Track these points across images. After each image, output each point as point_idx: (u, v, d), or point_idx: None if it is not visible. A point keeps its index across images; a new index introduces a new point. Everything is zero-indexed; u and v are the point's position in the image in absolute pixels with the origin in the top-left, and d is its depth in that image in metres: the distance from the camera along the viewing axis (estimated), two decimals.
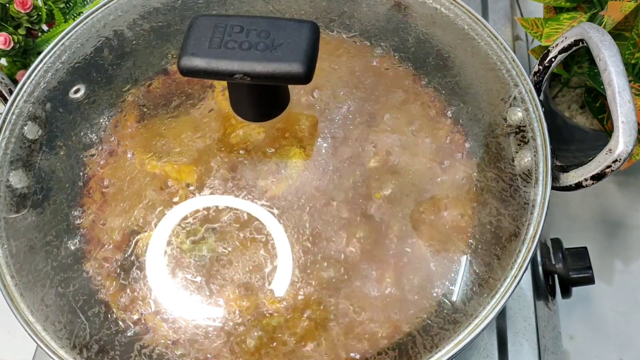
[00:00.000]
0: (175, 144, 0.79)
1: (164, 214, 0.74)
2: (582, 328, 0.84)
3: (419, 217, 0.72)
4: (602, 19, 0.71)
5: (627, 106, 0.54)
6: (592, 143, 0.88)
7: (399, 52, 0.83)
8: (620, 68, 0.55)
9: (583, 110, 0.88)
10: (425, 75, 0.81)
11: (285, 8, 0.85)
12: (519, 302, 0.74)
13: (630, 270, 0.89)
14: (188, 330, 0.64)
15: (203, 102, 0.82)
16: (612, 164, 0.55)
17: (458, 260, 0.70)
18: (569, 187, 0.60)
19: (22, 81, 0.74)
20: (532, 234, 0.59)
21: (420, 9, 0.75)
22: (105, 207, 0.76)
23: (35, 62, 0.75)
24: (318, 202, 0.70)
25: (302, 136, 0.77)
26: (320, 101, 0.76)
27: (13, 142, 0.72)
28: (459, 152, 0.77)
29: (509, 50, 0.71)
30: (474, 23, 0.71)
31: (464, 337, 0.56)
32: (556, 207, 0.93)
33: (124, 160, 0.79)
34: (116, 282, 0.71)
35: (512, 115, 0.66)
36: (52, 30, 0.90)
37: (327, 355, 0.62)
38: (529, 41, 1.02)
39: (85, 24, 0.79)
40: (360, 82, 0.77)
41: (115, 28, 0.78)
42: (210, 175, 0.77)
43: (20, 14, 0.87)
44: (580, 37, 0.59)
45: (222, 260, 0.69)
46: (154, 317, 0.67)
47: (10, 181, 0.68)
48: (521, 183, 0.64)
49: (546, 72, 0.65)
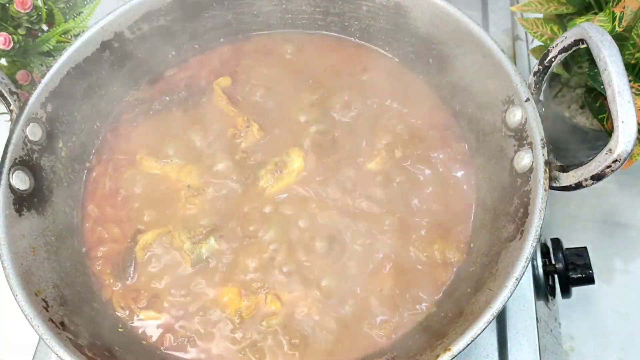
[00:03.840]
0: (175, 145, 0.80)
1: (164, 214, 0.75)
2: (582, 328, 0.84)
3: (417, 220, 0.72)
4: (614, 14, 0.70)
5: (627, 106, 0.54)
6: (592, 143, 0.88)
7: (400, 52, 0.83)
8: (620, 68, 0.55)
9: (583, 110, 0.88)
10: (425, 75, 0.81)
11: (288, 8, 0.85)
12: (519, 302, 0.74)
13: (630, 270, 0.89)
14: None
15: (203, 102, 0.82)
16: (612, 164, 0.55)
17: (458, 260, 0.70)
18: (568, 187, 0.59)
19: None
20: (532, 234, 0.59)
21: (421, 10, 0.75)
22: (106, 207, 0.76)
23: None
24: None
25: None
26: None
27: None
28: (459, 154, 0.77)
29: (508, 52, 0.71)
30: (474, 23, 0.71)
31: (465, 337, 0.55)
32: (556, 207, 0.93)
33: (125, 161, 0.79)
34: (115, 279, 0.71)
35: (511, 115, 0.66)
36: (52, 30, 0.90)
37: None
38: (529, 41, 1.02)
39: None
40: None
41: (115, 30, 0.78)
42: (210, 175, 0.77)
43: (20, 14, 0.87)
44: (580, 37, 0.59)
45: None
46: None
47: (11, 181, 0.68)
48: (521, 183, 0.64)
49: (546, 72, 0.65)
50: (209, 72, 0.84)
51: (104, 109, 0.81)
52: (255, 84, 0.82)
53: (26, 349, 0.76)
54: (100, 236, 0.73)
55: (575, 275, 0.76)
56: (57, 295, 0.64)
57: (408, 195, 0.72)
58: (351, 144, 0.76)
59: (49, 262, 0.66)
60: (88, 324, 0.64)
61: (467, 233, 0.71)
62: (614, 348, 0.85)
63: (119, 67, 0.80)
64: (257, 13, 0.84)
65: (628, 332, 0.86)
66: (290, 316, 0.67)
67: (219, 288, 0.69)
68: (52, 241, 0.69)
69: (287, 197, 0.73)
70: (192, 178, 0.75)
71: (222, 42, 0.86)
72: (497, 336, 0.73)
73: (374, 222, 0.71)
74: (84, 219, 0.75)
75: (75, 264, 0.70)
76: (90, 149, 0.79)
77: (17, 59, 0.90)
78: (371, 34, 0.83)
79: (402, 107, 0.79)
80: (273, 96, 0.81)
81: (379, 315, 0.66)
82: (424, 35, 0.77)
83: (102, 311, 0.68)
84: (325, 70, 0.82)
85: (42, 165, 0.71)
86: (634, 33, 0.72)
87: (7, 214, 0.64)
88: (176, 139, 0.79)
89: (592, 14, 0.78)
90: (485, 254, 0.66)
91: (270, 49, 0.86)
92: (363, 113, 0.78)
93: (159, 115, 0.81)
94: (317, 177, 0.74)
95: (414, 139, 0.76)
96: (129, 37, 0.79)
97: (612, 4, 0.73)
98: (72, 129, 0.76)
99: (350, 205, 0.72)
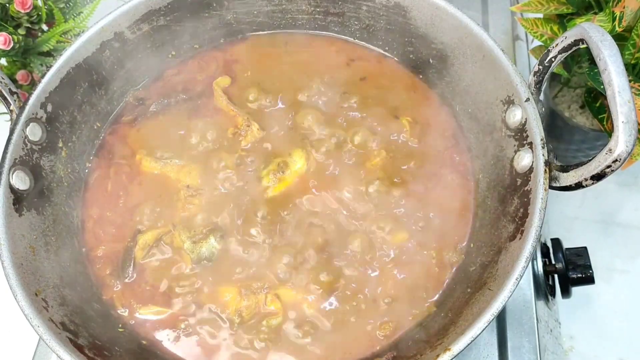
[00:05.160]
0: (175, 145, 0.79)
1: (164, 214, 0.75)
2: (582, 328, 0.84)
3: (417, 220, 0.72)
4: (614, 14, 0.70)
5: (627, 106, 0.54)
6: (592, 143, 0.88)
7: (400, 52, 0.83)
8: (620, 68, 0.55)
9: (583, 110, 0.88)
10: (425, 75, 0.81)
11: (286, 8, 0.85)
12: (519, 302, 0.74)
13: (630, 270, 0.89)
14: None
15: (203, 102, 0.82)
16: (612, 164, 0.54)
17: (458, 260, 0.70)
18: (569, 187, 0.59)
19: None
20: (532, 234, 0.59)
21: (421, 10, 0.75)
22: (106, 208, 0.76)
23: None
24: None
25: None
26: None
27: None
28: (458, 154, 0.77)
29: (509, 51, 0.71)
30: (474, 23, 0.71)
31: (465, 337, 0.55)
32: (556, 207, 0.93)
33: (124, 161, 0.79)
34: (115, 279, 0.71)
35: (511, 115, 0.66)
36: (52, 30, 0.90)
37: None
38: (529, 41, 1.02)
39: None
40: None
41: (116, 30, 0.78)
42: (210, 175, 0.77)
43: (20, 14, 0.87)
44: (580, 37, 0.59)
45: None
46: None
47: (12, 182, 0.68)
48: (521, 183, 0.64)
49: (546, 72, 0.64)
50: (208, 72, 0.84)
51: (104, 109, 0.81)
52: (256, 83, 0.82)
53: (26, 349, 0.76)
54: (100, 236, 0.73)
55: (575, 275, 0.76)
56: (57, 295, 0.64)
57: (408, 194, 0.72)
58: (351, 144, 0.76)
59: (49, 262, 0.66)
60: (88, 324, 0.64)
61: (467, 233, 0.71)
62: (614, 348, 0.85)
63: (119, 67, 0.80)
64: (257, 13, 0.84)
65: (628, 332, 0.86)
66: (291, 316, 0.67)
67: (219, 288, 0.69)
68: (52, 241, 0.69)
69: (288, 197, 0.73)
70: (192, 178, 0.75)
71: (222, 42, 0.86)
72: (497, 336, 0.73)
73: (374, 222, 0.71)
74: (84, 219, 0.75)
75: (75, 264, 0.70)
76: (90, 149, 0.79)
77: (17, 59, 0.90)
78: (371, 34, 0.83)
79: (401, 107, 0.79)
80: (273, 96, 0.81)
81: (379, 315, 0.66)
82: (424, 35, 0.77)
83: (102, 311, 0.68)
84: (325, 70, 0.82)
85: (42, 165, 0.71)
86: (634, 33, 0.72)
87: (7, 214, 0.64)
88: (176, 139, 0.79)
89: (592, 14, 0.78)
90: (485, 254, 0.66)
91: (270, 49, 0.86)
92: (363, 112, 0.78)
93: (159, 115, 0.81)
94: (318, 177, 0.74)
95: (413, 139, 0.76)
96: (129, 37, 0.79)
97: (612, 4, 0.73)
98: (72, 129, 0.76)
99: (351, 205, 0.72)
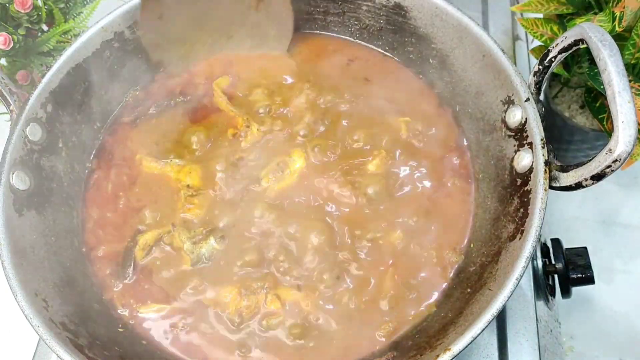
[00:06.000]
0: (175, 145, 0.79)
1: (164, 214, 0.75)
2: (582, 328, 0.84)
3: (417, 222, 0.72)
4: (614, 14, 0.70)
5: (627, 106, 0.54)
6: (592, 143, 0.88)
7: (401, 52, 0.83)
8: (620, 68, 0.55)
9: (583, 110, 0.88)
10: (425, 75, 0.81)
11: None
12: (519, 302, 0.74)
13: (630, 270, 0.89)
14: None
15: (203, 102, 0.82)
16: (612, 164, 0.54)
17: (457, 260, 0.70)
18: (569, 187, 0.59)
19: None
20: (532, 234, 0.59)
21: (421, 10, 0.75)
22: (106, 208, 0.76)
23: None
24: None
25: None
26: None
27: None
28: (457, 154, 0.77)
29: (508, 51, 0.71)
30: (474, 23, 0.71)
31: (465, 337, 0.55)
32: (556, 207, 0.93)
33: (124, 161, 0.79)
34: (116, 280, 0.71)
35: (511, 115, 0.66)
36: (52, 30, 0.90)
37: None
38: (529, 41, 1.02)
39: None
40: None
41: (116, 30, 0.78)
42: (210, 175, 0.77)
43: (20, 14, 0.87)
44: (580, 37, 0.59)
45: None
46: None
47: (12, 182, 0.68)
48: (521, 183, 0.64)
49: (546, 72, 0.64)
50: (208, 72, 0.84)
51: (104, 109, 0.81)
52: (255, 83, 0.82)
53: (26, 349, 0.76)
54: (100, 236, 0.73)
55: (575, 275, 0.76)
56: (57, 295, 0.64)
57: (408, 195, 0.73)
58: (351, 144, 0.76)
59: (49, 262, 0.66)
60: (88, 324, 0.64)
61: (467, 233, 0.71)
62: (614, 348, 0.85)
63: (119, 67, 0.80)
64: None
65: (628, 332, 0.86)
66: (290, 316, 0.67)
67: (219, 288, 0.69)
68: (52, 241, 0.69)
69: (288, 197, 0.73)
70: (192, 178, 0.75)
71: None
72: (497, 336, 0.73)
73: (374, 222, 0.71)
74: (84, 219, 0.75)
75: (75, 264, 0.70)
76: (90, 149, 0.79)
77: (17, 59, 0.90)
78: (371, 34, 0.83)
79: (402, 107, 0.79)
80: (273, 96, 0.81)
81: (379, 315, 0.66)
82: (424, 35, 0.77)
83: (102, 311, 0.68)
84: (325, 70, 0.82)
85: (42, 165, 0.71)
86: (634, 33, 0.72)
87: (7, 214, 0.64)
88: (176, 139, 0.79)
89: (592, 14, 0.78)
90: (485, 254, 0.66)
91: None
92: (363, 113, 0.78)
93: (159, 115, 0.81)
94: (318, 178, 0.74)
95: (413, 139, 0.76)
96: (129, 37, 0.79)
97: (612, 4, 0.73)
98: (72, 129, 0.76)
99: (350, 206, 0.72)
